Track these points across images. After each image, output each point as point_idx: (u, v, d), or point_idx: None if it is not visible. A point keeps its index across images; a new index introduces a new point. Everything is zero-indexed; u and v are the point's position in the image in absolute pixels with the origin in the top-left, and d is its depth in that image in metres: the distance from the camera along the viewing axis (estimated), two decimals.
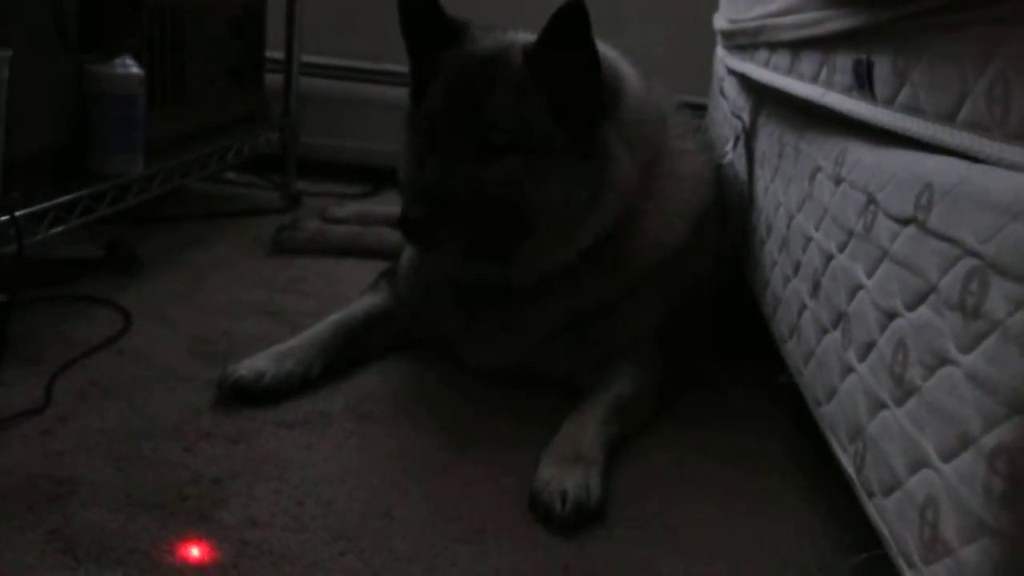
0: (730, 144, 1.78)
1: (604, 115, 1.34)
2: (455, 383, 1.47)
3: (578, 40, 1.28)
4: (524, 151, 1.31)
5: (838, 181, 1.09)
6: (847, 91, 1.10)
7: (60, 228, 1.52)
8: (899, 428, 0.81)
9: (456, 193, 1.30)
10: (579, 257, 1.37)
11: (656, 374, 1.42)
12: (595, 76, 1.31)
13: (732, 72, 1.91)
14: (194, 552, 1.01)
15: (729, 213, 1.65)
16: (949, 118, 0.83)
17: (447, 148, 1.34)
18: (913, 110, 0.91)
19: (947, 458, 0.72)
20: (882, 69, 0.99)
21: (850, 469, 0.94)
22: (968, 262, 0.73)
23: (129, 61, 1.67)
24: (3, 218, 1.33)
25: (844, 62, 1.11)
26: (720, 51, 2.15)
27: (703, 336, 1.58)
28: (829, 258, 1.08)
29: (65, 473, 1.12)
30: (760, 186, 1.54)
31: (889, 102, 0.96)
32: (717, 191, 1.59)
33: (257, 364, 1.36)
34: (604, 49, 1.42)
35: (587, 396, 1.34)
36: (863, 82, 1.03)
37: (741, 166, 1.71)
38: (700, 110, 2.38)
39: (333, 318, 1.50)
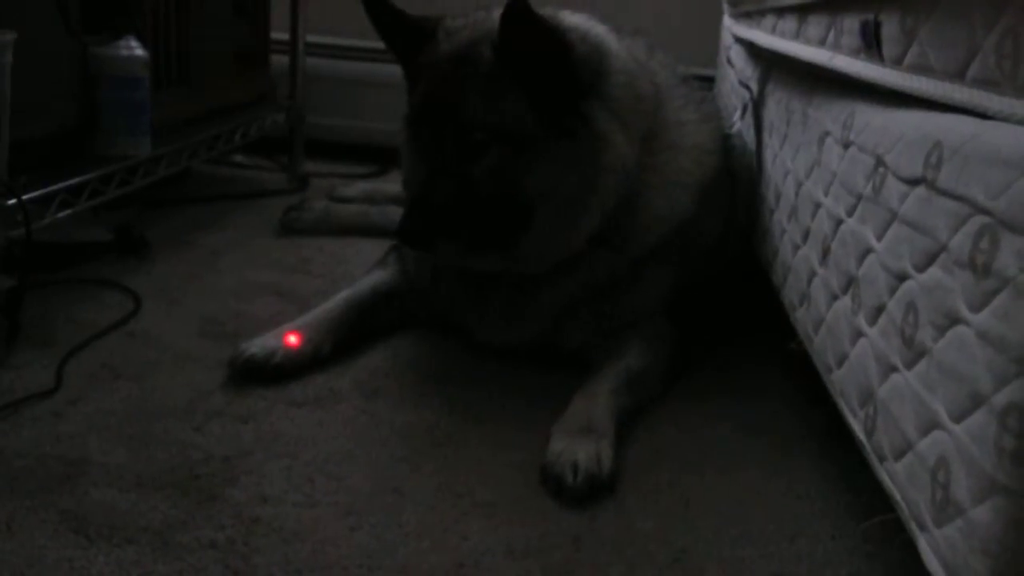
0: (738, 113, 1.76)
1: (587, 95, 1.32)
2: (464, 360, 1.46)
3: (532, 33, 1.26)
4: (506, 143, 1.30)
5: (846, 145, 1.08)
6: (855, 53, 1.09)
7: (68, 211, 1.53)
8: (910, 390, 0.80)
9: (446, 198, 1.30)
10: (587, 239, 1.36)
11: (667, 345, 1.41)
12: (565, 60, 1.29)
13: (739, 40, 1.89)
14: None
15: (738, 183, 1.64)
16: (958, 75, 0.81)
17: (432, 155, 1.34)
18: (922, 69, 0.89)
19: (958, 418, 0.71)
20: (890, 29, 0.97)
21: (861, 434, 0.93)
22: (978, 220, 0.72)
23: (133, 43, 1.67)
24: (11, 202, 1.33)
25: (851, 24, 1.09)
26: (727, 19, 2.13)
27: (714, 306, 1.56)
28: (838, 223, 1.06)
29: (77, 454, 1.12)
30: (769, 154, 1.52)
31: (897, 62, 0.95)
32: (724, 160, 1.57)
33: (268, 342, 1.36)
34: (587, 25, 1.40)
35: (597, 369, 1.33)
36: (871, 43, 1.02)
37: (749, 136, 1.70)
38: (708, 82, 2.37)
39: (342, 295, 1.50)
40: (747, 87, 1.77)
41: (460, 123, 1.31)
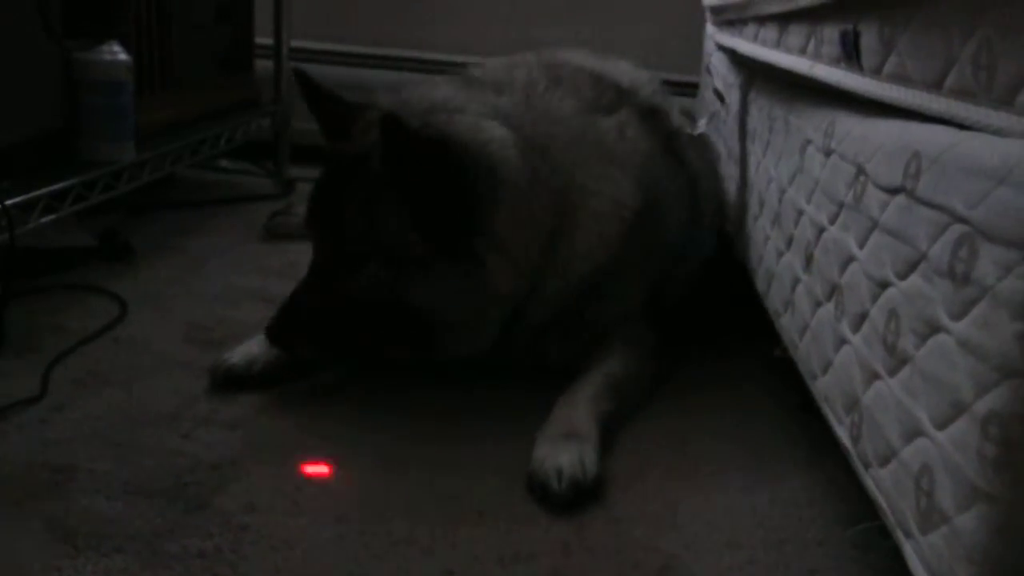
0: (703, 120, 1.78)
1: (473, 222, 1.26)
2: (452, 366, 1.46)
3: (417, 152, 1.21)
4: (384, 259, 1.26)
5: (828, 153, 1.09)
6: (835, 62, 1.10)
7: (52, 217, 1.52)
8: (893, 398, 0.82)
9: (317, 305, 1.29)
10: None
11: (648, 350, 1.42)
12: (452, 183, 1.24)
13: (721, 48, 1.90)
14: None
15: (700, 181, 1.63)
16: (936, 86, 0.83)
17: (314, 259, 1.33)
18: (900, 79, 0.90)
19: (941, 426, 0.72)
20: (869, 39, 0.98)
21: (846, 441, 0.94)
22: (957, 228, 0.73)
23: (116, 47, 1.67)
24: None
25: (831, 33, 1.10)
26: (710, 27, 2.15)
27: (695, 309, 1.57)
28: (821, 230, 1.08)
29: (63, 461, 1.12)
30: (752, 162, 1.54)
31: (876, 72, 0.96)
32: (666, 167, 1.52)
33: (250, 350, 1.36)
34: (484, 136, 1.30)
35: (579, 375, 1.34)
36: (850, 52, 1.03)
37: (733, 143, 1.71)
38: (692, 88, 2.38)
39: None
40: (719, 95, 1.79)
41: (338, 235, 1.28)
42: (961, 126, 0.78)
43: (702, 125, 1.75)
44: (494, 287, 1.29)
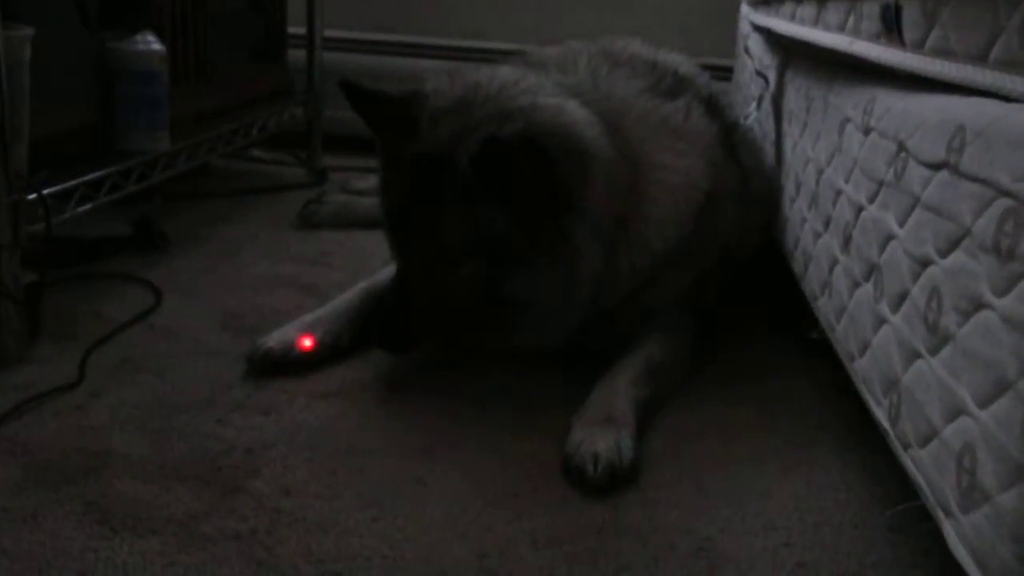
0: (753, 105, 1.75)
1: (566, 211, 1.26)
2: (484, 350, 1.46)
3: (522, 164, 1.21)
4: (484, 255, 1.26)
5: (867, 131, 1.07)
6: (875, 38, 1.08)
7: (88, 206, 1.53)
8: (934, 377, 0.80)
9: (422, 304, 1.30)
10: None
11: (687, 336, 1.41)
12: (548, 180, 1.23)
13: (757, 29, 1.88)
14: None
15: (752, 186, 1.61)
16: (981, 58, 0.81)
17: (409, 258, 1.33)
18: (944, 52, 0.89)
19: (984, 404, 0.70)
20: (911, 12, 0.96)
21: (885, 422, 0.92)
22: (1002, 203, 0.71)
23: (150, 38, 1.68)
24: (31, 197, 1.34)
25: (871, 8, 1.08)
26: (745, 8, 2.12)
27: (733, 297, 1.55)
28: (860, 210, 1.06)
29: (100, 446, 1.13)
30: (789, 143, 1.51)
31: (919, 46, 0.94)
32: (727, 164, 1.51)
33: (286, 335, 1.37)
34: (569, 120, 1.30)
35: (617, 360, 1.33)
36: (891, 27, 1.01)
37: (768, 125, 1.69)
38: (726, 72, 2.36)
39: (360, 286, 1.50)
40: (763, 76, 1.76)
41: (437, 237, 1.27)
42: (1007, 98, 0.76)
43: (752, 111, 1.72)
44: (582, 267, 1.29)
